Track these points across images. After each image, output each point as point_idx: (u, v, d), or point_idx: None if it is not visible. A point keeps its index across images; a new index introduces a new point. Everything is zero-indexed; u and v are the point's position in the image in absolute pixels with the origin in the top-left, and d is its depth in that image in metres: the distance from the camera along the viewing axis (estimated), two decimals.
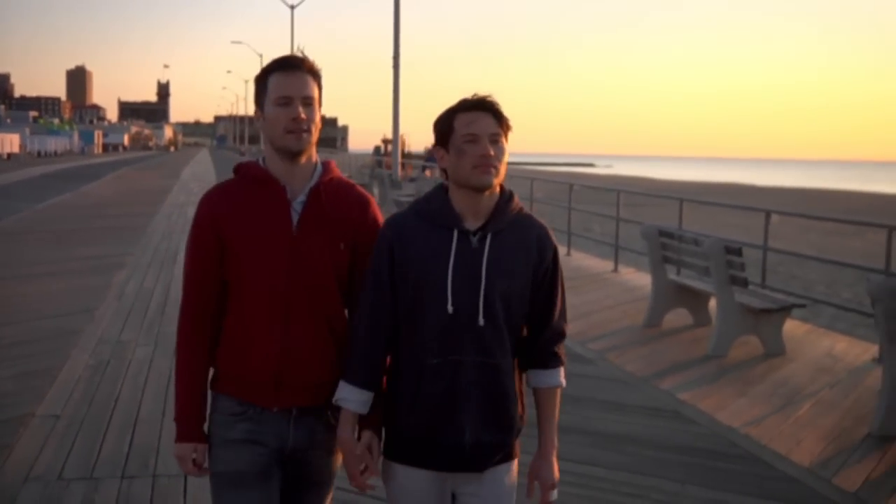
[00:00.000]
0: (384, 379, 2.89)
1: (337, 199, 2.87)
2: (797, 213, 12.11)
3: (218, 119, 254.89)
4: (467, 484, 2.84)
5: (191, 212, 20.18)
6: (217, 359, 2.91)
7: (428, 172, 33.67)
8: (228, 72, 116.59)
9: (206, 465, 2.92)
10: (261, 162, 2.88)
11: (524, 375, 2.93)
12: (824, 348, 9.20)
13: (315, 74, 2.81)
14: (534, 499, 2.93)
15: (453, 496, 2.88)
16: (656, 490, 5.34)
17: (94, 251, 16.04)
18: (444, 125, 2.79)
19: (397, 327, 2.82)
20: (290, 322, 2.81)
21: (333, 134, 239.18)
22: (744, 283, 8.87)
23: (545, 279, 2.85)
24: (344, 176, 2.95)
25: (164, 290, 11.85)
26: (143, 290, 11.83)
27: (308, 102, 2.77)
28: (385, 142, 59.46)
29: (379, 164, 41.30)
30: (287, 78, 2.76)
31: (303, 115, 2.75)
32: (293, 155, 2.80)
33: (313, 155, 2.88)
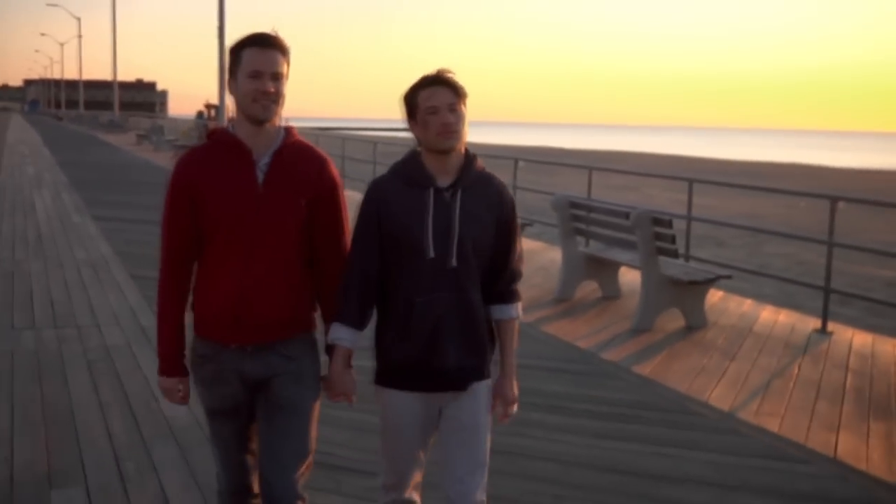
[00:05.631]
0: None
1: (297, 159, 3.14)
2: (535, 159, 15.54)
3: (28, 83, 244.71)
4: (451, 400, 3.22)
5: (31, 171, 22.53)
6: (193, 304, 3.20)
7: None
8: (42, 34, 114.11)
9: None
10: (230, 128, 3.14)
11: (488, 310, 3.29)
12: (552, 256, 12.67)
13: (285, 52, 3.05)
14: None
15: (439, 412, 3.26)
16: None
17: None
18: (410, 102, 3.13)
19: (385, 273, 3.17)
20: (251, 266, 3.07)
21: (152, 98, 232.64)
22: None
23: (505, 227, 3.22)
24: (303, 139, 3.23)
25: (34, 228, 14.39)
26: (16, 227, 14.38)
27: (277, 77, 3.01)
28: (208, 107, 60.76)
29: (205, 127, 43.19)
30: (260, 54, 2.99)
31: (271, 89, 3.00)
32: (259, 122, 3.05)
33: (276, 122, 3.14)
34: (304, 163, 3.15)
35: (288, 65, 3.06)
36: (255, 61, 2.99)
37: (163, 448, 5.28)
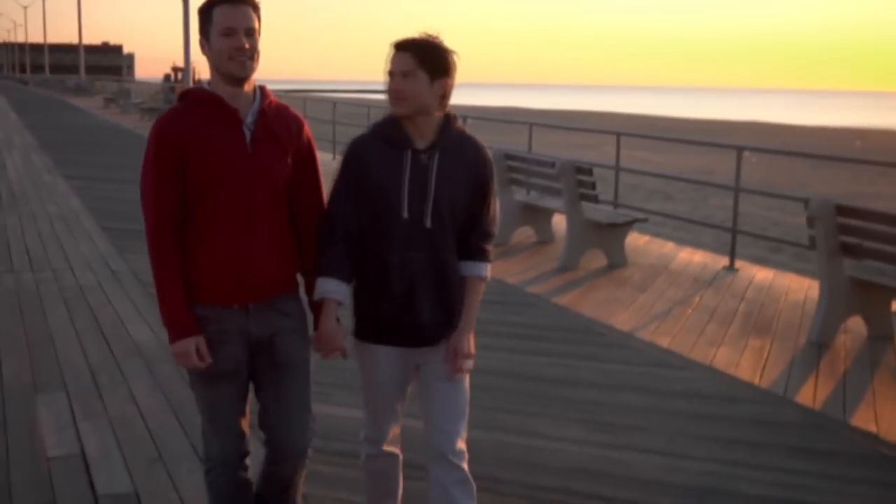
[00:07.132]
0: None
1: (279, 119, 3.14)
2: (485, 117, 16.41)
3: None
4: (426, 355, 3.29)
5: (0, 134, 23.07)
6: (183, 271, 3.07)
7: None
8: None
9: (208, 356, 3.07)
10: (207, 87, 3.09)
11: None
12: None
13: (256, 8, 3.03)
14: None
15: (416, 368, 3.35)
16: None
17: None
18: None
19: (362, 231, 3.19)
20: (250, 227, 3.06)
21: (119, 62, 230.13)
22: None
23: (481, 188, 3.25)
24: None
25: (6, 186, 15.17)
26: None
27: (250, 33, 2.99)
28: (175, 70, 60.84)
29: (172, 90, 43.58)
30: (232, 10, 2.96)
31: (246, 45, 2.97)
32: (237, 80, 3.02)
33: (252, 81, 3.09)
34: (285, 122, 3.16)
35: (259, 21, 3.05)
36: (227, 18, 2.97)
37: (132, 364, 6.12)
